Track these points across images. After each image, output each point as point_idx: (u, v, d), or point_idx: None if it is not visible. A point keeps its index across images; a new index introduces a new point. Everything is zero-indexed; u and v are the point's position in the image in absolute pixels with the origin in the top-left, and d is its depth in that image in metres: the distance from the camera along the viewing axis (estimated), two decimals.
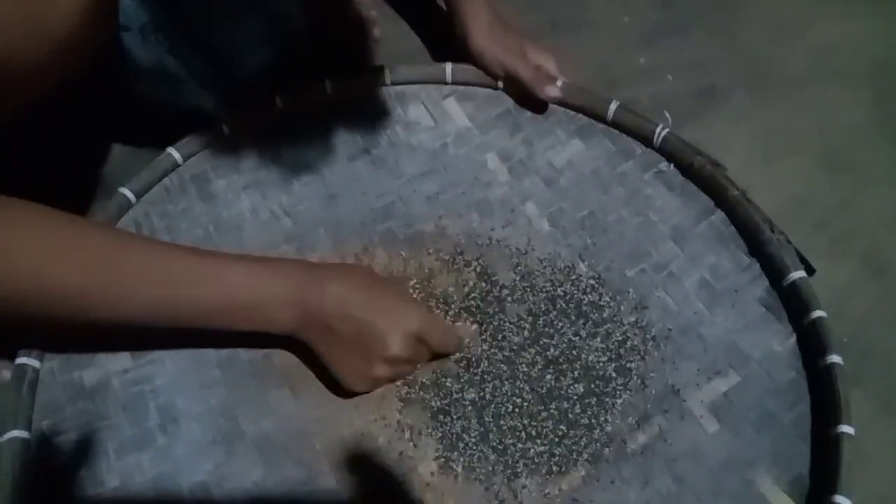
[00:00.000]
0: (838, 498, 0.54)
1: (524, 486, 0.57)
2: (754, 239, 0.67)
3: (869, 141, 0.86)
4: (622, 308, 0.65)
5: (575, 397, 0.61)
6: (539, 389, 0.61)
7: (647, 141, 0.73)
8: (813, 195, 0.81)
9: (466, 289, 0.66)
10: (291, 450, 0.58)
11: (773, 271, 0.66)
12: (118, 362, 0.61)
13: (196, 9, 0.63)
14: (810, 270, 0.66)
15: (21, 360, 0.58)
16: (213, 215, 0.69)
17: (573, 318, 0.64)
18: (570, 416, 0.60)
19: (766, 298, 0.65)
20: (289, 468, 0.57)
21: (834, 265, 0.75)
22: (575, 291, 0.66)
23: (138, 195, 0.68)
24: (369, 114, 0.76)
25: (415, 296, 0.66)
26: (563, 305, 0.65)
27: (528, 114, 0.76)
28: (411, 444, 0.59)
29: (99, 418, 0.58)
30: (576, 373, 0.62)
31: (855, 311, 0.73)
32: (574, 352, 0.62)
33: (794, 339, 0.63)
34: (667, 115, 0.75)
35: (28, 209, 0.49)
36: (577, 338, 0.63)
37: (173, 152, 0.70)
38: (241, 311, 0.55)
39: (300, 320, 0.56)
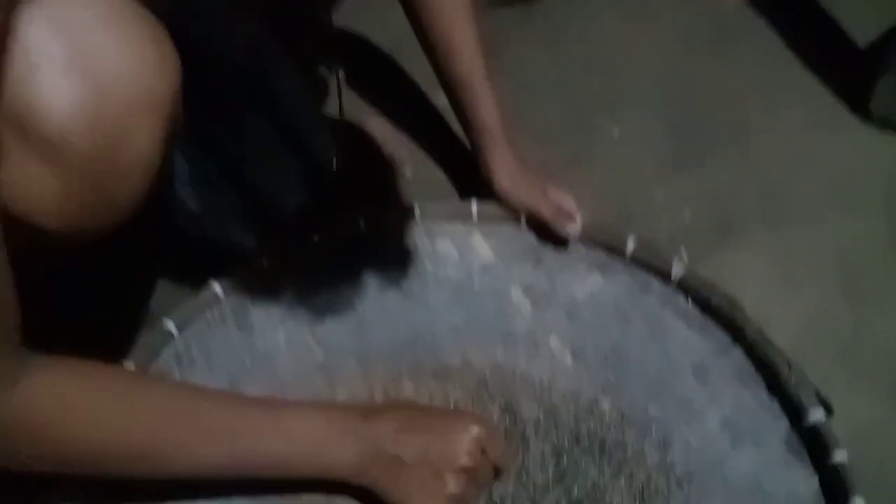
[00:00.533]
0: None
1: None
2: (773, 377, 0.68)
3: (887, 269, 0.88)
4: (645, 446, 0.66)
5: None
6: None
7: (664, 276, 0.76)
8: (833, 323, 0.82)
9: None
10: None
11: (792, 411, 0.67)
12: None
13: (241, 158, 0.69)
14: (829, 410, 0.66)
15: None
16: (250, 346, 0.72)
17: (596, 456, 0.65)
18: None
19: (788, 438, 0.66)
20: None
21: (855, 398, 0.75)
22: (598, 428, 0.67)
23: (180, 328, 0.72)
24: (399, 248, 0.80)
25: None
26: (587, 443, 0.66)
27: (550, 248, 0.80)
28: None
29: None
30: None
31: (880, 447, 0.73)
32: (598, 493, 0.63)
33: (817, 480, 0.63)
34: (683, 251, 0.78)
35: (86, 371, 0.52)
36: (602, 477, 0.64)
37: (215, 286, 0.74)
38: (303, 458, 0.57)
39: (361, 457, 0.57)
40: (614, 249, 0.78)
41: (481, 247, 0.81)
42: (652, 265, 0.77)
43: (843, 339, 0.81)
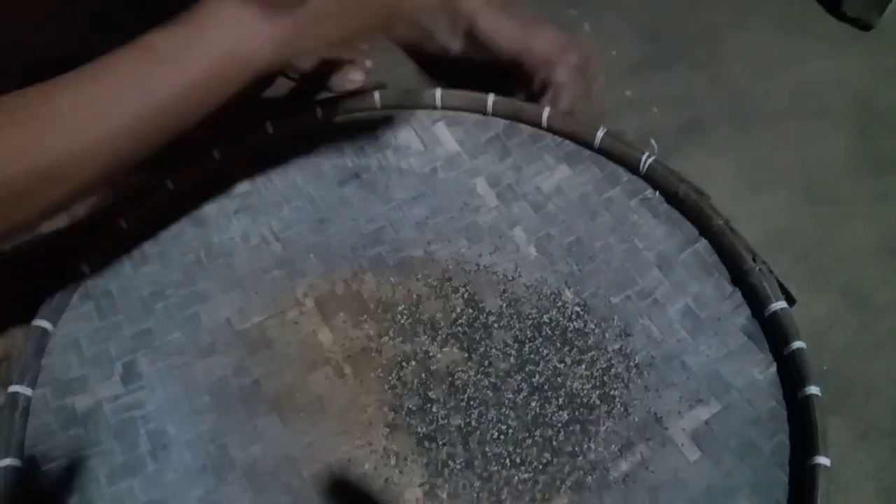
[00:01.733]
0: None
1: None
2: (737, 268, 0.68)
3: (851, 175, 0.88)
4: (607, 335, 0.66)
5: (559, 424, 0.62)
6: (524, 416, 0.62)
7: (633, 168, 0.74)
8: (795, 227, 0.83)
9: (454, 315, 0.67)
10: (280, 476, 0.59)
11: (754, 301, 0.67)
12: (109, 389, 0.62)
13: None
14: (791, 301, 0.67)
15: (14, 388, 0.59)
16: (205, 241, 0.70)
17: (558, 345, 0.65)
18: (554, 443, 0.61)
19: (747, 327, 0.66)
20: (277, 495, 0.58)
21: (815, 296, 0.77)
22: (560, 318, 0.67)
23: (129, 221, 0.69)
24: (359, 138, 0.77)
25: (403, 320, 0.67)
26: (549, 332, 0.66)
27: (517, 139, 0.77)
28: (397, 470, 0.60)
29: (90, 445, 0.59)
30: (560, 400, 0.63)
31: (835, 342, 0.75)
32: (559, 379, 0.63)
33: (774, 368, 0.64)
34: (653, 143, 0.76)
35: None
36: (563, 365, 0.64)
37: (167, 181, 0.71)
38: (217, 66, 0.52)
39: (271, 26, 0.51)
40: (583, 141, 0.76)
41: (445, 137, 0.78)
42: (620, 157, 0.75)
43: (804, 241, 0.82)
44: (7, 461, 0.56)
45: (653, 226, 0.72)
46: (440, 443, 0.61)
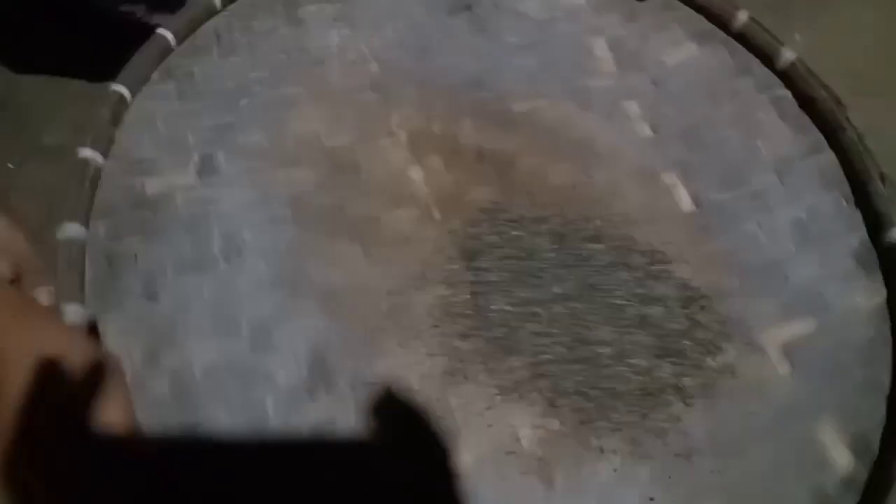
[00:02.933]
0: None
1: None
2: (861, 188, 0.63)
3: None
4: (708, 231, 0.62)
5: (640, 313, 0.58)
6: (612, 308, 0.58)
7: (768, 61, 0.68)
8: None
9: (550, 183, 0.62)
10: (358, 308, 0.54)
11: (873, 225, 0.63)
12: (183, 177, 0.56)
13: None
14: None
15: (85, 152, 0.53)
16: (299, 43, 0.63)
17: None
18: (637, 331, 0.57)
19: (859, 252, 0.62)
20: (353, 324, 0.54)
21: None
22: (666, 206, 0.62)
23: (225, 3, 0.62)
24: None
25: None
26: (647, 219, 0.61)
27: (649, 3, 0.70)
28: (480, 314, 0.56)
29: (159, 231, 0.54)
30: (645, 290, 0.59)
31: None
32: (651, 267, 0.59)
33: (881, 299, 0.61)
34: (797, 37, 0.69)
35: None
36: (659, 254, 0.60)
37: None
38: None
39: None
40: (720, 21, 0.69)
41: None
42: (758, 46, 0.68)
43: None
44: (72, 228, 0.51)
45: (779, 127, 0.66)
46: (519, 306, 0.57)
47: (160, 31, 0.59)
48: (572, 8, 0.69)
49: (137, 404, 0.46)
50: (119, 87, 0.56)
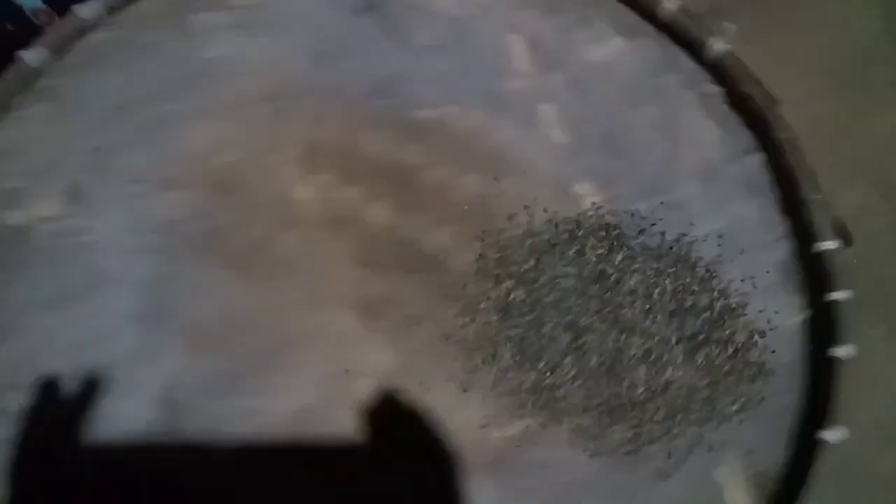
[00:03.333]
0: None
1: None
2: (791, 194, 0.58)
3: (880, 60, 0.81)
4: (615, 244, 0.57)
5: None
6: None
7: (699, 54, 0.62)
8: (823, 115, 0.77)
9: (455, 197, 0.58)
10: (223, 341, 0.53)
11: (802, 236, 0.58)
12: (48, 207, 0.54)
13: None
14: (848, 242, 0.57)
15: None
16: (188, 56, 0.60)
17: (564, 251, 0.57)
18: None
19: (785, 262, 0.58)
20: (215, 360, 0.52)
21: (844, 187, 0.74)
22: (571, 216, 0.58)
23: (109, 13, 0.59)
24: None
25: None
26: (562, 233, 0.57)
27: None
28: (359, 352, 0.53)
29: (16, 267, 0.52)
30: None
31: (865, 233, 0.67)
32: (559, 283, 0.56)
33: (804, 315, 0.56)
34: (730, 26, 0.63)
35: None
36: (561, 267, 0.56)
37: None
38: None
39: None
40: (648, 12, 0.64)
41: None
42: (688, 38, 0.62)
43: (832, 130, 0.77)
44: None
45: (705, 127, 0.61)
46: (416, 328, 0.54)
47: (22, 52, 0.56)
48: (490, 3, 0.64)
49: None
50: None
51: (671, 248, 0.57)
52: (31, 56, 0.56)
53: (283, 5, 0.63)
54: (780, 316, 0.56)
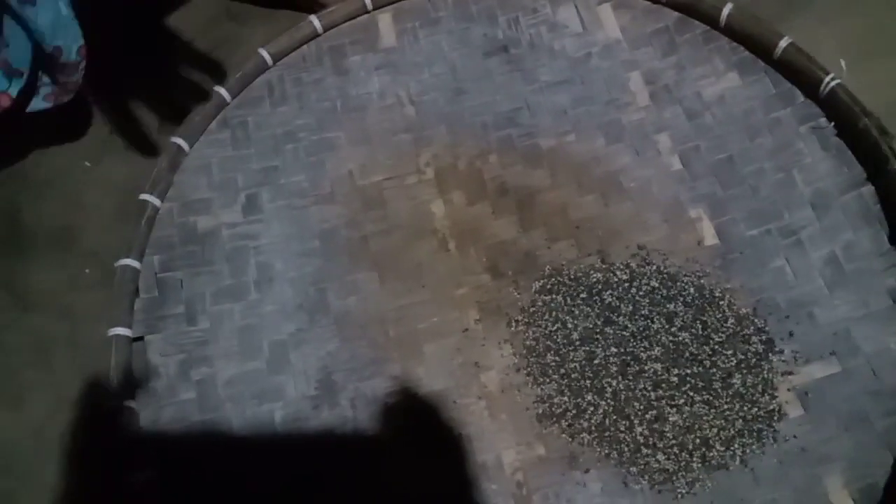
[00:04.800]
0: None
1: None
2: None
3: None
4: (732, 269, 0.61)
5: (658, 348, 0.59)
6: (631, 330, 0.59)
7: (812, 89, 0.65)
8: None
9: (575, 216, 0.64)
10: (368, 331, 0.61)
11: None
12: (230, 215, 0.65)
13: None
14: None
15: (144, 196, 0.64)
16: (342, 91, 0.71)
17: (667, 282, 0.61)
18: (636, 370, 0.58)
19: (895, 292, 0.59)
20: (362, 347, 0.60)
21: None
22: (686, 240, 0.62)
23: (276, 58, 0.70)
24: (515, 8, 0.73)
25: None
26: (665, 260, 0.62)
27: (687, 35, 0.69)
28: (481, 347, 0.60)
29: (204, 263, 0.63)
30: (661, 326, 0.59)
31: None
32: (667, 306, 0.60)
33: None
34: (843, 64, 0.66)
35: None
36: (667, 292, 0.60)
37: (314, 21, 0.71)
38: None
39: None
40: (761, 49, 0.67)
41: (609, 20, 0.71)
42: (800, 74, 0.65)
43: None
44: (128, 261, 0.62)
45: (818, 158, 0.64)
46: (530, 332, 0.60)
47: (216, 88, 0.69)
48: (609, 43, 0.70)
49: (168, 408, 0.56)
50: (178, 140, 0.67)
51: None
52: (222, 91, 0.68)
53: (423, 47, 0.72)
54: (893, 341, 0.57)
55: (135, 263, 0.62)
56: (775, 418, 0.56)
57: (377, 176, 0.67)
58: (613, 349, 0.58)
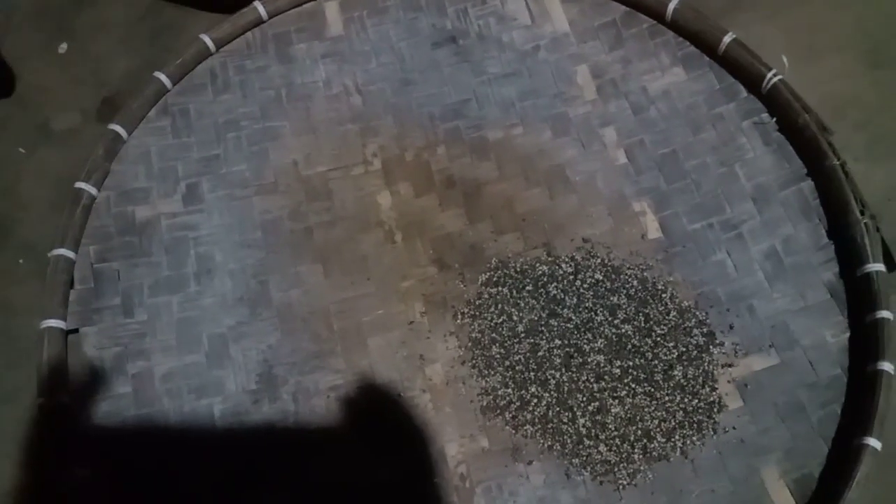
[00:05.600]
0: None
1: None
2: (840, 218, 0.61)
3: None
4: (674, 262, 0.61)
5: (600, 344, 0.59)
6: (575, 322, 0.60)
7: (754, 84, 0.66)
8: (855, 93, 0.72)
9: (521, 209, 0.64)
10: (311, 324, 0.60)
11: (849, 257, 0.60)
12: (170, 205, 0.63)
13: None
14: (891, 266, 0.59)
15: (80, 184, 0.62)
16: (287, 79, 0.69)
17: (610, 282, 0.61)
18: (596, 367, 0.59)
19: (833, 284, 0.60)
20: (304, 341, 0.59)
21: (875, 165, 0.68)
22: (631, 234, 0.63)
23: (219, 45, 0.69)
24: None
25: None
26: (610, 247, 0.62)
27: (634, 30, 0.70)
28: (426, 341, 0.59)
29: (141, 254, 0.61)
30: (603, 319, 0.60)
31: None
32: (609, 298, 0.60)
33: (849, 334, 0.58)
34: (785, 60, 0.67)
35: None
36: (610, 284, 0.61)
37: (259, 7, 0.69)
38: None
39: None
40: (706, 45, 0.68)
41: (557, 14, 0.71)
42: (743, 69, 0.66)
43: (864, 108, 0.71)
44: (62, 251, 0.59)
45: (760, 153, 0.65)
46: (476, 325, 0.60)
47: (156, 73, 0.67)
48: (557, 36, 0.70)
49: (103, 402, 0.55)
50: (115, 126, 0.64)
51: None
52: (161, 77, 0.66)
53: (370, 36, 0.71)
54: (829, 333, 0.59)
55: (69, 253, 0.60)
56: (715, 410, 0.57)
57: (322, 166, 0.66)
58: (557, 341, 0.59)
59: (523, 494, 0.55)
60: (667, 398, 0.57)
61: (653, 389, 0.57)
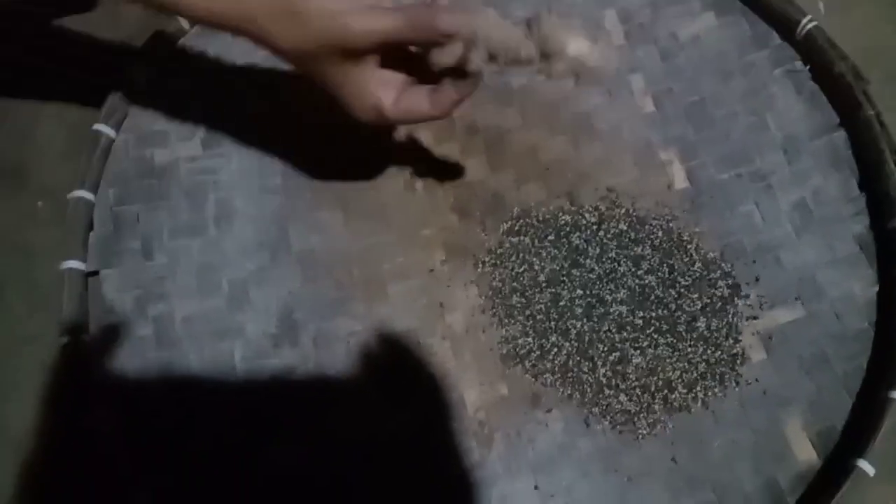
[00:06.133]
0: (861, 462, 0.50)
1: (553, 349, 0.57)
2: (872, 170, 0.59)
3: None
4: (702, 211, 0.60)
5: (625, 290, 0.58)
6: (599, 272, 0.59)
7: (788, 31, 0.64)
8: (886, 44, 0.70)
9: (544, 157, 0.62)
10: (332, 270, 0.59)
11: (880, 210, 0.59)
12: (189, 149, 0.62)
13: None
14: None
15: (98, 126, 0.61)
16: None
17: (634, 233, 0.60)
18: (610, 314, 0.58)
19: (863, 237, 0.59)
20: (326, 287, 0.59)
21: None
22: (657, 184, 0.61)
23: None
24: None
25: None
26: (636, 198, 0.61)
27: None
28: (446, 289, 0.59)
29: (161, 198, 0.61)
30: (629, 268, 0.59)
31: None
32: (635, 249, 0.59)
33: (877, 288, 0.57)
34: (821, 6, 0.65)
35: None
36: (635, 235, 0.60)
37: None
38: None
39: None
40: None
41: None
42: (777, 15, 0.64)
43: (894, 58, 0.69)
44: (81, 193, 0.59)
45: (791, 102, 0.63)
46: (497, 273, 0.59)
47: (176, 17, 0.65)
48: None
49: (124, 344, 0.55)
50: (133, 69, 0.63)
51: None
52: (181, 18, 0.64)
53: None
54: (857, 286, 0.58)
55: (89, 196, 0.59)
56: (738, 362, 0.56)
57: (342, 116, 0.64)
58: (579, 291, 0.58)
59: (542, 441, 0.55)
60: (689, 350, 0.57)
61: (675, 341, 0.57)
